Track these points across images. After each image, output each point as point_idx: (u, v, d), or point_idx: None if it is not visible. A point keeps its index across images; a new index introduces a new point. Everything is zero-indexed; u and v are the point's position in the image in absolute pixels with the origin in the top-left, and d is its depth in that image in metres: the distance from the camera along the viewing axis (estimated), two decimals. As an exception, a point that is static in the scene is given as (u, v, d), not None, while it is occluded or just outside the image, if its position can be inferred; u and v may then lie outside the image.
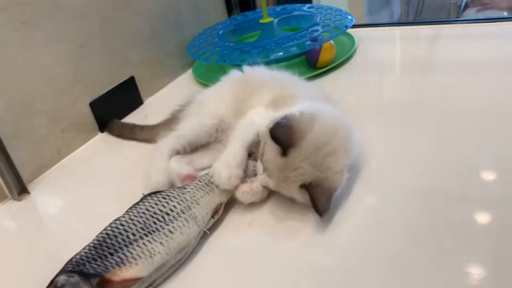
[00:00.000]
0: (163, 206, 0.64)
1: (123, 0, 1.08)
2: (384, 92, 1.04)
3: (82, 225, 0.75)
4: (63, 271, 0.58)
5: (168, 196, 0.66)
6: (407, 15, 2.29)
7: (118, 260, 0.58)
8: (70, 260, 0.59)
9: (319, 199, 0.62)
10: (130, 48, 1.11)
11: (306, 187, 0.63)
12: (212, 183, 0.70)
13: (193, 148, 0.82)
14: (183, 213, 0.64)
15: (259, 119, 0.74)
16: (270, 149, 0.65)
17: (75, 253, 0.60)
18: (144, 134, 0.96)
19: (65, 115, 0.96)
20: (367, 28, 1.40)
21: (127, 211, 0.65)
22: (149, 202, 0.65)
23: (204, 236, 0.66)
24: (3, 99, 0.84)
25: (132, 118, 1.09)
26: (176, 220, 0.63)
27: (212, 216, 0.67)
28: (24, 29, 0.87)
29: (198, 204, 0.66)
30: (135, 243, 0.60)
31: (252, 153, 0.73)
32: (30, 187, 0.88)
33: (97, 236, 0.62)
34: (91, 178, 0.89)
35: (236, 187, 0.69)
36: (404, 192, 0.69)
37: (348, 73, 1.13)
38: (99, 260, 0.58)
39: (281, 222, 0.68)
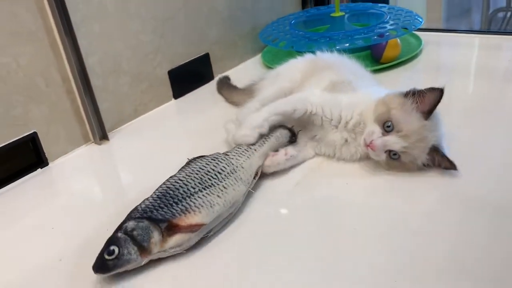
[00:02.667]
0: (214, 166, 0.71)
1: (209, -19, 1.19)
2: (446, 94, 1.05)
3: (147, 172, 0.86)
4: (130, 218, 0.63)
5: (216, 158, 0.73)
6: (489, 24, 2.24)
7: (183, 208, 0.64)
8: (135, 208, 0.65)
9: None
10: (209, 27, 1.22)
11: (436, 148, 0.72)
12: (251, 148, 0.76)
13: None
14: (232, 173, 0.71)
15: (315, 97, 0.81)
16: (411, 114, 0.72)
17: (139, 199, 0.66)
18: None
19: (146, 78, 1.08)
20: (441, 33, 1.42)
21: (181, 170, 0.71)
22: (200, 163, 0.72)
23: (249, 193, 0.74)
24: (98, 54, 0.97)
25: (203, 90, 1.20)
26: (228, 178, 0.70)
27: (254, 177, 0.74)
28: (122, -3, 1.00)
29: (242, 167, 0.73)
30: (196, 195, 0.66)
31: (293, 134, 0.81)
32: (109, 135, 1.00)
33: (157, 190, 0.67)
34: (160, 136, 1.00)
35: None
36: (459, 198, 0.70)
37: (410, 72, 1.16)
38: (165, 208, 0.64)
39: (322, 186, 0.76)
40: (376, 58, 1.17)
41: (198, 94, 1.19)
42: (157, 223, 0.62)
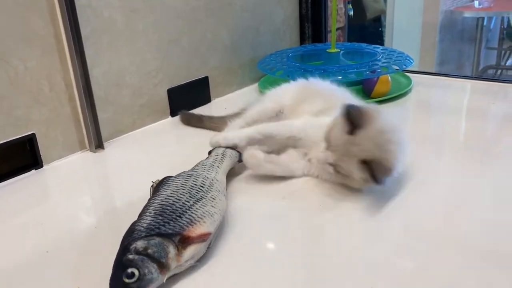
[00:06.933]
0: (194, 181, 0.71)
1: (215, 10, 1.26)
2: (431, 130, 1.10)
3: (136, 183, 0.86)
4: (134, 238, 0.59)
5: (191, 175, 0.73)
6: (478, 71, 2.34)
7: (188, 220, 0.63)
8: (135, 229, 0.61)
9: (379, 171, 0.71)
10: (210, 52, 1.28)
11: (367, 162, 0.72)
12: (213, 165, 0.79)
13: None
14: (212, 186, 0.72)
15: (300, 122, 0.87)
16: (339, 129, 0.76)
17: (124, 206, 0.69)
18: (212, 122, 1.10)
19: (146, 94, 1.12)
20: (432, 76, 1.49)
21: (162, 190, 0.69)
22: (178, 180, 0.71)
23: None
24: (104, 66, 1.02)
25: (199, 111, 1.23)
26: (211, 191, 0.70)
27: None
28: (131, 16, 1.05)
29: (217, 180, 0.75)
30: (193, 207, 0.65)
31: None
32: (105, 144, 1.03)
33: (147, 210, 0.64)
34: (154, 150, 1.03)
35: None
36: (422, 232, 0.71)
37: (399, 108, 1.21)
38: (172, 222, 0.62)
39: (312, 200, 0.78)
40: (367, 93, 1.23)
41: (194, 114, 1.23)
42: (170, 237, 0.60)
